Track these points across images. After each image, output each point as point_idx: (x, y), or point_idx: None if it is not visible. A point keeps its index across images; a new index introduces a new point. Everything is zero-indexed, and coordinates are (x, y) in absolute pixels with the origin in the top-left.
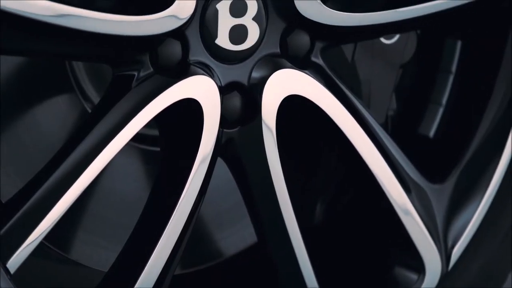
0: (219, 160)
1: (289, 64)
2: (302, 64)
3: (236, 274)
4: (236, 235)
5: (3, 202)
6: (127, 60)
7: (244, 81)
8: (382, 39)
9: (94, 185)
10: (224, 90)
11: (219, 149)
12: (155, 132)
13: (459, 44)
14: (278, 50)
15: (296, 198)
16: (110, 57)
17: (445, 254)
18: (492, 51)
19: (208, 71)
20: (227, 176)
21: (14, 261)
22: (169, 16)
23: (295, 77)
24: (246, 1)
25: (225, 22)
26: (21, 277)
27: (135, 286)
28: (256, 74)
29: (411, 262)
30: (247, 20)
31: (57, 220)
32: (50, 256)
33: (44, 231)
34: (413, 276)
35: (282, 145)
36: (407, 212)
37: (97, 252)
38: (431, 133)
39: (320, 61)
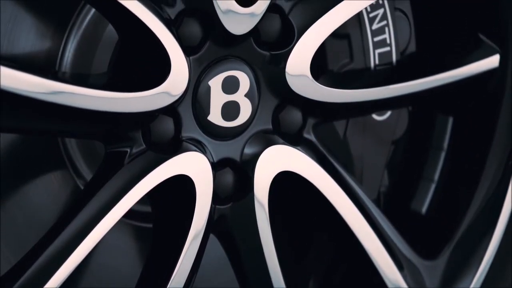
0: (211, 236)
1: (281, 141)
2: (294, 140)
3: None
4: None
5: None
6: (119, 136)
7: (237, 157)
8: (374, 116)
9: (86, 261)
10: (217, 167)
11: (212, 225)
12: (147, 208)
13: (450, 120)
14: (270, 127)
15: (289, 274)
16: (102, 133)
17: None
18: (484, 128)
19: (201, 148)
20: (219, 252)
21: None
22: (161, 93)
23: (287, 153)
24: (238, 78)
25: (218, 98)
26: None
27: None
28: (248, 151)
29: None
30: (240, 97)
31: None
32: None
33: None
34: None
35: (275, 221)
36: None
37: None
38: (423, 210)
39: (312, 137)
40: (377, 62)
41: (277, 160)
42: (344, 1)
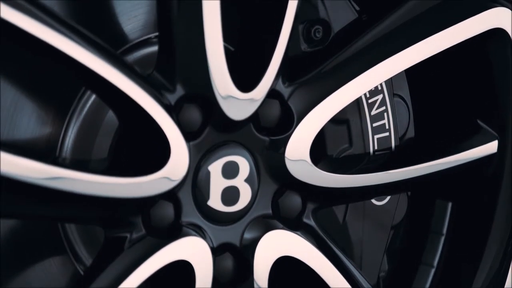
0: None
1: (281, 225)
2: (294, 225)
3: None
4: None
5: None
6: (119, 222)
7: (236, 242)
8: (373, 201)
9: None
10: (216, 252)
11: None
12: None
13: (449, 205)
14: (270, 211)
15: None
16: (102, 219)
17: None
18: (483, 213)
19: (200, 232)
20: None
21: None
22: (161, 178)
23: (287, 238)
24: (238, 163)
25: (217, 183)
26: None
27: None
28: (248, 235)
29: None
30: (239, 182)
31: None
32: None
33: None
34: None
35: None
36: None
37: None
38: None
39: (311, 222)
40: (376, 147)
41: (277, 245)
42: (343, 87)
